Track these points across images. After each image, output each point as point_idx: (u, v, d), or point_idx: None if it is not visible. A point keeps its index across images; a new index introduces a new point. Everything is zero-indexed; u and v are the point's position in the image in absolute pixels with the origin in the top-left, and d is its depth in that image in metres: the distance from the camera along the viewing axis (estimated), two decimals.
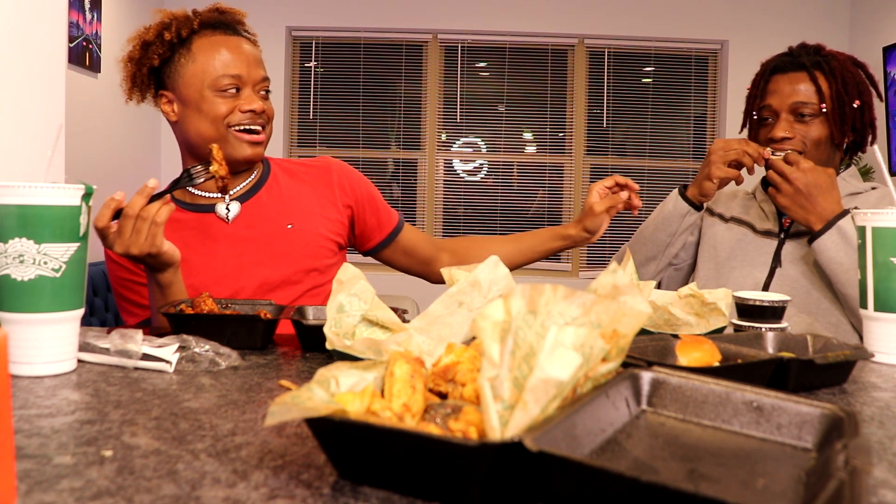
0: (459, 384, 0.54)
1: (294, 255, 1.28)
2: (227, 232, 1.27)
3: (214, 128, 1.23)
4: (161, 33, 1.25)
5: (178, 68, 1.25)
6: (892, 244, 0.93)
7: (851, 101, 1.38)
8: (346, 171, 1.40)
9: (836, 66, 1.39)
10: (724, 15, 4.44)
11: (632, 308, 0.50)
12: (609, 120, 4.62)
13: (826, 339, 0.85)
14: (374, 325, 0.83)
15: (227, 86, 1.23)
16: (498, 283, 0.76)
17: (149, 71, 1.27)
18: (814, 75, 1.38)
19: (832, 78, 1.38)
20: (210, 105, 1.23)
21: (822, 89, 1.37)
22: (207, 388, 0.71)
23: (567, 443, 0.44)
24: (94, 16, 3.56)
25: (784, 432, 0.51)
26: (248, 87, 1.25)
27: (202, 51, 1.24)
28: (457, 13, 4.49)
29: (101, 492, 0.45)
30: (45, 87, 1.53)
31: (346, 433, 0.45)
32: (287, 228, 1.29)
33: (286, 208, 1.31)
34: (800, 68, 1.40)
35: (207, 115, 1.23)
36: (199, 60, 1.23)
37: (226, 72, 1.23)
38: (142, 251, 1.02)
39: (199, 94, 1.23)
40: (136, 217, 1.01)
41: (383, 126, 4.69)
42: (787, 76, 1.41)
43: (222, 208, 1.28)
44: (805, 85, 1.39)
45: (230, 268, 1.25)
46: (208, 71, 1.23)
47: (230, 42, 1.26)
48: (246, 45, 1.28)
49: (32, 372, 0.74)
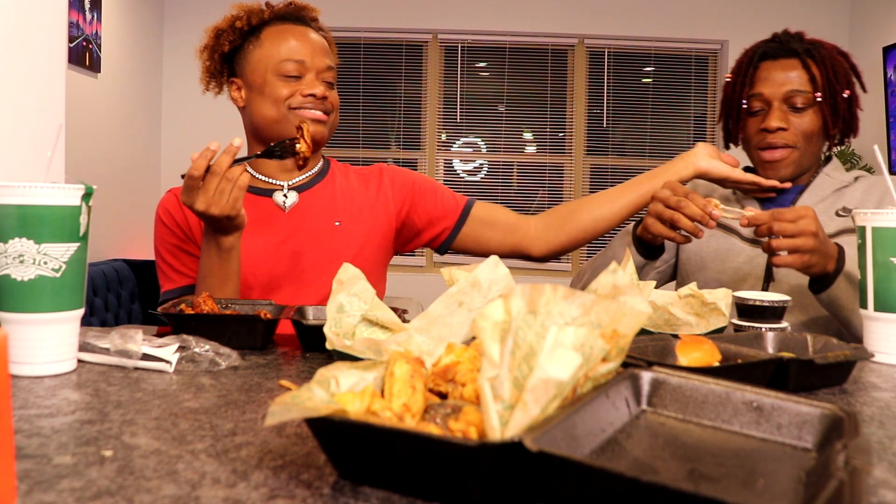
0: (459, 384, 0.54)
1: (336, 252, 1.29)
2: (281, 219, 1.29)
3: (276, 109, 1.25)
4: (233, 22, 1.29)
5: (246, 55, 1.29)
6: (892, 244, 0.93)
7: (842, 91, 1.30)
8: (395, 171, 1.41)
9: (826, 54, 1.31)
10: (724, 15, 4.44)
11: (632, 308, 0.50)
12: (609, 120, 4.62)
13: (826, 339, 0.85)
14: (374, 325, 0.83)
15: (290, 70, 1.25)
16: (498, 283, 0.76)
17: (221, 58, 1.31)
18: (806, 62, 1.30)
19: (823, 66, 1.29)
20: (272, 88, 1.25)
21: (815, 78, 1.29)
22: (207, 388, 0.71)
23: (567, 443, 0.44)
24: (94, 16, 3.56)
25: (784, 432, 0.51)
26: (311, 73, 1.27)
27: (269, 38, 1.28)
28: (457, 13, 4.49)
29: (101, 492, 0.45)
30: (45, 87, 1.53)
31: (346, 433, 0.45)
32: (335, 226, 1.30)
33: (337, 205, 1.32)
34: (791, 54, 1.31)
35: (269, 98, 1.26)
36: (266, 46, 1.27)
37: (289, 56, 1.26)
38: (222, 212, 1.04)
39: (262, 78, 1.26)
40: (221, 177, 1.04)
41: (383, 126, 4.69)
42: (779, 63, 1.31)
43: (280, 196, 1.30)
44: (798, 72, 1.30)
45: (278, 255, 1.27)
46: (273, 55, 1.26)
47: (296, 30, 1.29)
48: (313, 35, 1.31)
49: (32, 372, 0.74)
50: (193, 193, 1.05)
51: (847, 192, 1.37)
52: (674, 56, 4.59)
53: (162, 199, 1.31)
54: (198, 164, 1.03)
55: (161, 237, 1.29)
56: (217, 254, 1.11)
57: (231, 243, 1.11)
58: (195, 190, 1.04)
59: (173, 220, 1.27)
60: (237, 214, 1.06)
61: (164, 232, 1.28)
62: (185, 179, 1.05)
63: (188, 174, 1.04)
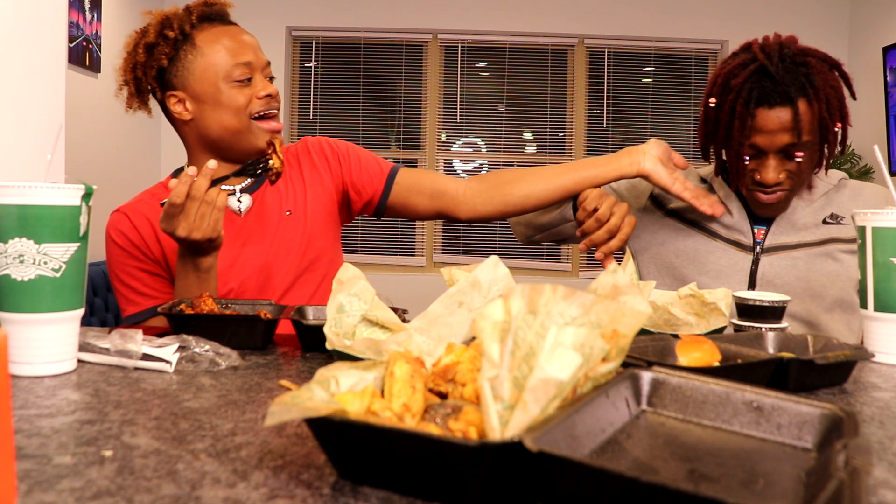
0: (459, 384, 0.54)
1: (293, 240, 1.29)
2: (239, 224, 1.28)
3: (238, 119, 1.23)
4: (162, 33, 1.23)
5: (185, 65, 1.23)
6: (892, 244, 0.93)
7: (834, 125, 1.24)
8: (319, 146, 1.39)
9: (820, 83, 1.21)
10: (724, 15, 4.44)
11: (632, 308, 0.50)
12: (609, 120, 4.62)
13: (826, 339, 0.85)
14: (374, 325, 0.83)
15: (242, 75, 1.22)
16: (498, 283, 0.76)
17: (156, 73, 1.25)
18: (797, 109, 1.20)
19: (816, 102, 1.21)
20: (228, 97, 1.22)
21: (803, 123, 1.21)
22: (207, 388, 0.71)
23: (567, 443, 0.44)
24: (94, 16, 3.56)
25: (784, 432, 0.51)
26: (258, 73, 1.25)
27: (207, 44, 1.23)
28: (457, 13, 4.49)
29: (101, 492, 0.45)
30: (45, 87, 1.53)
31: (346, 433, 0.45)
32: (286, 216, 1.30)
33: (285, 196, 1.32)
34: (786, 101, 1.21)
35: (229, 108, 1.22)
36: (208, 54, 1.22)
37: (237, 61, 1.22)
38: (205, 235, 1.04)
39: (214, 87, 1.22)
40: (201, 201, 1.03)
41: (383, 126, 4.69)
42: (775, 112, 1.21)
43: (234, 201, 1.28)
44: (792, 122, 1.21)
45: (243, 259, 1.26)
46: (220, 63, 1.22)
47: (231, 31, 1.25)
48: (245, 34, 1.28)
49: (32, 372, 0.74)
50: (175, 220, 1.03)
51: (834, 197, 1.34)
52: (674, 56, 4.59)
53: (110, 221, 1.26)
54: (179, 191, 1.02)
55: (118, 261, 1.24)
56: (196, 275, 1.10)
57: (210, 263, 1.10)
58: (176, 217, 1.03)
59: (128, 240, 1.24)
60: (218, 236, 1.06)
61: (119, 255, 1.24)
62: (166, 207, 1.03)
63: (170, 202, 1.02)
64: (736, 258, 1.32)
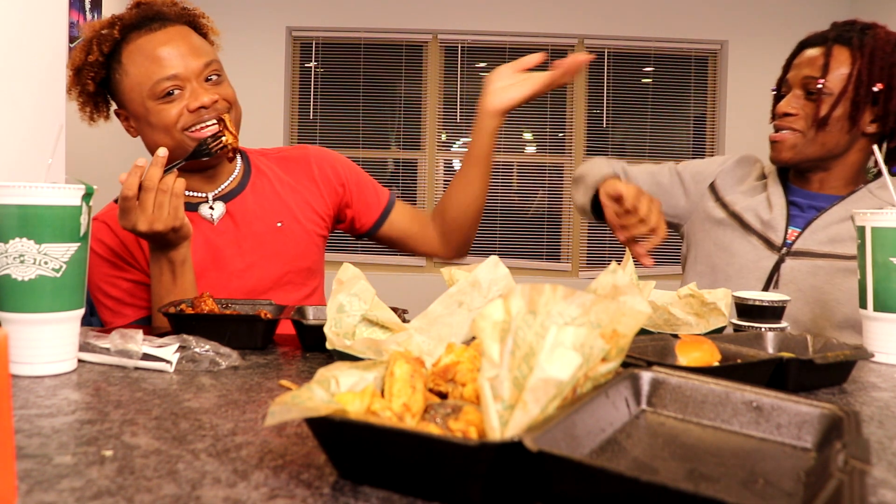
0: (459, 384, 0.54)
1: (285, 252, 1.24)
2: (213, 235, 1.21)
3: (169, 136, 1.13)
4: (86, 55, 1.16)
5: (117, 85, 1.17)
6: (892, 244, 0.93)
7: (873, 83, 1.23)
8: (323, 159, 1.35)
9: (869, 42, 1.24)
10: (724, 15, 4.44)
11: (631, 308, 0.50)
12: (609, 120, 4.62)
13: (826, 338, 0.85)
14: (374, 325, 0.83)
15: (167, 89, 1.12)
16: (498, 283, 0.76)
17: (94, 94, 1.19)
18: (830, 50, 1.26)
19: (858, 53, 1.24)
20: (157, 116, 1.13)
21: (832, 65, 1.24)
22: (207, 388, 0.71)
23: (567, 443, 0.44)
24: (95, 16, 3.56)
25: (784, 432, 0.51)
26: (191, 82, 1.13)
27: (131, 61, 1.14)
28: (457, 13, 4.50)
29: (101, 492, 0.45)
30: (45, 88, 1.53)
31: (346, 433, 0.45)
32: (277, 227, 1.24)
33: (273, 206, 1.26)
34: (823, 42, 1.28)
35: (159, 126, 1.13)
36: (132, 73, 1.14)
37: (160, 76, 1.12)
38: (167, 225, 0.99)
39: (143, 107, 1.14)
40: (156, 190, 0.98)
41: (383, 126, 4.69)
42: (810, 50, 1.30)
43: (206, 209, 1.21)
44: (819, 59, 1.27)
45: (219, 272, 1.20)
46: (143, 81, 1.13)
47: (155, 39, 1.14)
48: (176, 37, 1.15)
49: (33, 372, 0.74)
50: (132, 215, 0.98)
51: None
52: (673, 56, 4.59)
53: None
54: (130, 182, 0.97)
55: (99, 271, 1.18)
56: (170, 270, 1.05)
57: (183, 255, 1.06)
58: (133, 211, 0.98)
59: (109, 249, 1.18)
60: (182, 224, 1.01)
61: (99, 264, 1.18)
62: (119, 202, 0.99)
63: (122, 196, 0.98)
64: (761, 255, 1.31)
